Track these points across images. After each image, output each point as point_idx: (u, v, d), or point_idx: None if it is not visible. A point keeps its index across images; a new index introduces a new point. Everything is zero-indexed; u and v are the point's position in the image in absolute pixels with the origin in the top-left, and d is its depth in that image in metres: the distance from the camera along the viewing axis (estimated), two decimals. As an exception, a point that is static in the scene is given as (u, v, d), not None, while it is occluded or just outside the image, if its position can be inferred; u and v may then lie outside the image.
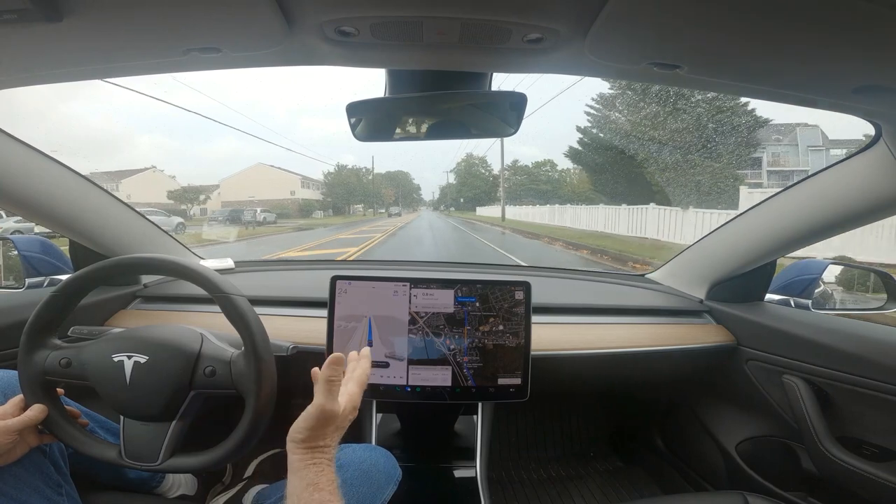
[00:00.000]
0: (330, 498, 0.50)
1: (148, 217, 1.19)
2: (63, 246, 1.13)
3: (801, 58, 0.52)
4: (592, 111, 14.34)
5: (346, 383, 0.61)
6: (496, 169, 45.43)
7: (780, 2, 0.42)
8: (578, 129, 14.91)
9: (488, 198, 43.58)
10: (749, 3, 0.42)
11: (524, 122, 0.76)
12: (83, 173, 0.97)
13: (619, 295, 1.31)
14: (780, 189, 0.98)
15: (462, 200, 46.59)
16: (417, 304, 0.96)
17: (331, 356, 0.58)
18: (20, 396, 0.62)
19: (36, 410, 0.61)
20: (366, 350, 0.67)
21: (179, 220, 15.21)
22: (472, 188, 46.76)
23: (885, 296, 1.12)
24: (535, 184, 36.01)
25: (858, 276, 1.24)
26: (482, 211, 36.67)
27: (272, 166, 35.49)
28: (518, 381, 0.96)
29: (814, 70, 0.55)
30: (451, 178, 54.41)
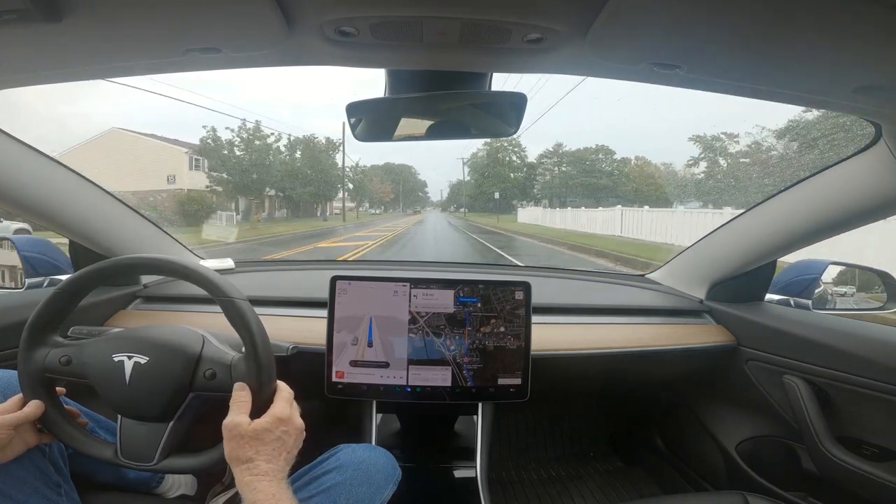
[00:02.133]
0: None
1: (149, 217, 1.19)
2: (60, 243, 1.13)
3: (801, 58, 0.52)
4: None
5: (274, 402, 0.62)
6: (533, 155, 34.14)
7: (781, 2, 0.42)
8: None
9: (523, 194, 32.92)
10: (749, 4, 0.42)
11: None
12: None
13: (619, 295, 1.31)
14: (781, 189, 0.98)
15: (497, 197, 33.43)
16: (417, 304, 0.96)
17: (236, 384, 0.60)
18: (20, 395, 0.62)
19: (33, 406, 0.61)
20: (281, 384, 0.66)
21: None
22: (498, 181, 33.91)
23: (885, 296, 1.12)
24: (588, 176, 26.35)
25: (858, 276, 1.24)
26: (530, 216, 22.67)
27: (138, 133, 17.81)
28: (518, 381, 0.96)
29: (814, 70, 0.55)
30: (466, 173, 42.43)
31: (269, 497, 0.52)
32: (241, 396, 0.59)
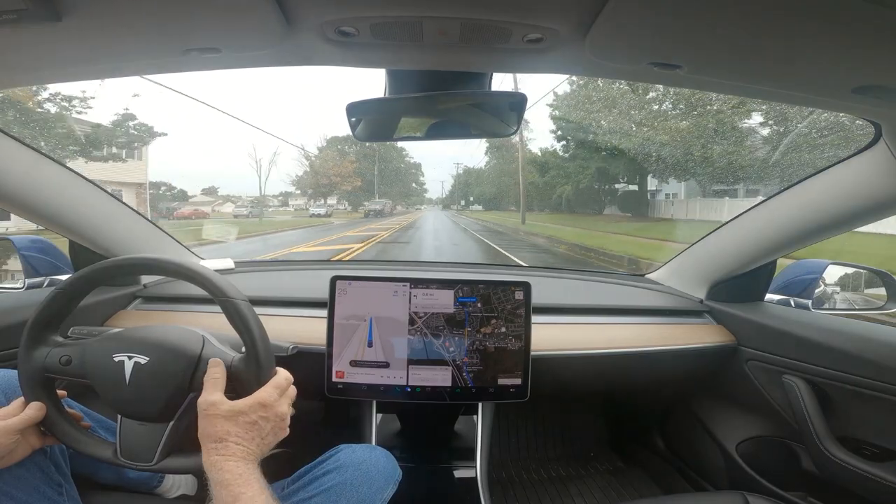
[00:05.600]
0: (242, 492, 0.51)
1: (148, 218, 1.19)
2: (58, 242, 1.13)
3: (801, 58, 0.52)
4: None
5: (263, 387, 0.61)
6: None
7: (780, 2, 0.41)
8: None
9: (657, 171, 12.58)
10: (749, 4, 0.42)
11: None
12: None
13: (619, 295, 1.31)
14: (781, 189, 0.97)
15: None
16: (417, 304, 0.96)
17: (210, 360, 0.60)
18: (21, 399, 0.62)
19: (34, 409, 0.61)
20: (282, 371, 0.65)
21: None
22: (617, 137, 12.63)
23: (885, 296, 1.12)
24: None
25: (858, 276, 1.24)
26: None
27: None
28: (518, 381, 0.96)
29: (814, 70, 0.55)
30: (481, 156, 31.07)
31: (236, 476, 0.52)
32: (214, 373, 0.58)
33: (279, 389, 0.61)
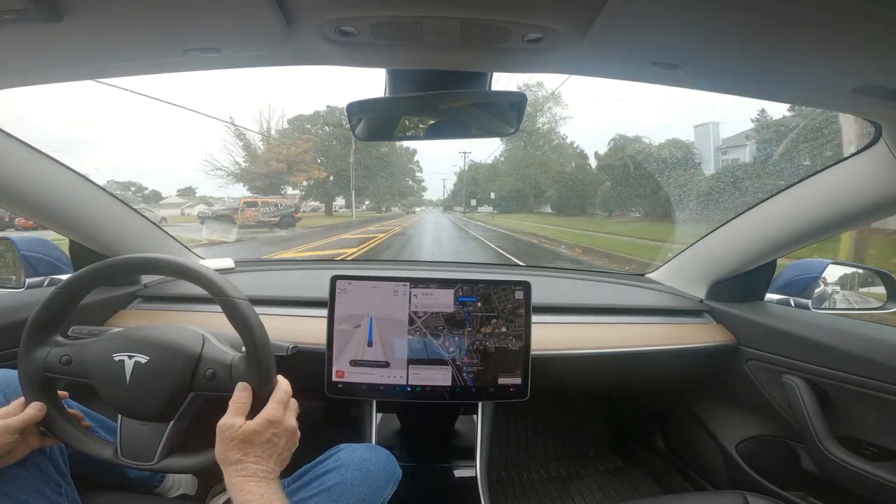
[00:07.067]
0: None
1: (149, 217, 1.19)
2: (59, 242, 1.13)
3: (801, 58, 0.52)
4: None
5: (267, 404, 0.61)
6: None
7: (780, 2, 0.42)
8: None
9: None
10: (749, 4, 0.42)
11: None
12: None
13: (619, 295, 1.31)
14: (780, 189, 0.98)
15: None
16: (417, 303, 0.96)
17: (238, 384, 0.60)
18: (22, 399, 0.62)
19: (35, 408, 0.61)
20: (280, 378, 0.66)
21: None
22: None
23: (885, 295, 1.12)
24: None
25: (858, 276, 1.24)
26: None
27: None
28: (518, 380, 0.96)
29: (814, 70, 0.55)
30: (494, 145, 24.66)
31: (258, 497, 0.53)
32: (241, 398, 0.59)
33: (282, 404, 0.61)
